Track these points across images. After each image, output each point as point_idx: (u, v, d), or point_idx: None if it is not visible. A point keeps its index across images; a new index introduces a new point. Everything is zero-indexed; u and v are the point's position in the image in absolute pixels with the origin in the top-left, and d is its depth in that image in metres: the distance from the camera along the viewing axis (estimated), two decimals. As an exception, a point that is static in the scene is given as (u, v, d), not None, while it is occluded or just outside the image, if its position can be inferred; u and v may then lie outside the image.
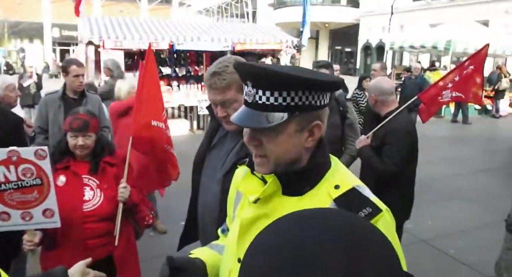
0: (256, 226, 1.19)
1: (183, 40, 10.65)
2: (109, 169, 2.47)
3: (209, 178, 2.03)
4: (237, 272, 1.20)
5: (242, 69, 1.14)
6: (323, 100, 1.13)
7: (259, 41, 11.65)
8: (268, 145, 1.13)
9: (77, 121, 2.36)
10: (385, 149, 3.18)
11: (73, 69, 4.17)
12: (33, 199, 2.14)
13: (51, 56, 32.31)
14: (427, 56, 20.44)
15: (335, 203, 1.10)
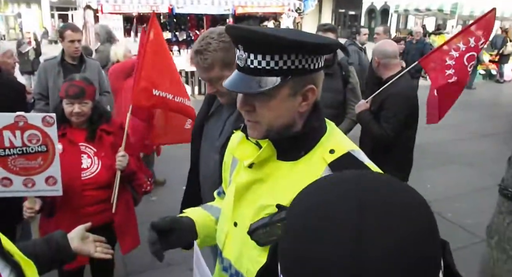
0: (251, 190, 1.20)
1: (183, 4, 10.44)
2: (106, 137, 2.46)
3: (208, 146, 2.03)
4: (234, 235, 1.25)
5: (232, 32, 1.12)
6: (317, 63, 1.10)
7: (260, 4, 11.41)
8: (260, 110, 1.11)
9: (73, 88, 2.32)
10: (382, 114, 3.18)
11: (68, 34, 4.12)
12: (37, 165, 2.13)
13: (49, 21, 31.75)
14: (433, 19, 20.01)
15: (329, 168, 1.09)
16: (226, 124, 1.95)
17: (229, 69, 1.78)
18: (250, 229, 1.11)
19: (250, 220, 1.15)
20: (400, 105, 3.16)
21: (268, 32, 1.05)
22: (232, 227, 1.25)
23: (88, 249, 1.58)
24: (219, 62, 1.76)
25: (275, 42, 1.03)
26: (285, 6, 11.68)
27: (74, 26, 4.48)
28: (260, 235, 1.09)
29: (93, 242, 1.61)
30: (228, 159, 1.44)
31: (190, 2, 10.57)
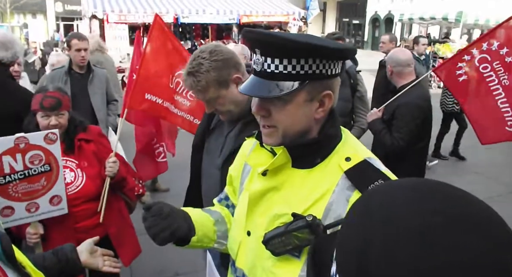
0: (265, 199, 1.18)
1: (188, 13, 10.50)
2: (85, 146, 2.30)
3: (209, 162, 1.98)
4: (247, 245, 1.22)
5: (249, 36, 1.09)
6: (334, 69, 1.08)
7: (265, 13, 11.46)
8: (276, 115, 1.09)
9: (48, 99, 2.14)
10: (394, 123, 3.12)
11: (74, 43, 4.12)
12: (40, 187, 2.01)
13: (56, 31, 32.01)
14: (437, 28, 20.02)
15: (346, 176, 1.07)
16: (227, 140, 1.89)
17: (226, 88, 1.75)
18: (265, 238, 1.08)
19: (264, 229, 1.12)
20: (412, 114, 3.10)
21: (286, 36, 1.04)
22: (245, 236, 1.22)
23: (97, 262, 1.56)
24: (214, 82, 1.71)
25: (293, 46, 1.02)
26: (289, 15, 11.73)
27: (80, 35, 4.48)
28: (276, 245, 1.06)
29: (101, 256, 1.60)
30: (239, 167, 1.40)
31: (196, 11, 10.63)
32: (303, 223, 1.02)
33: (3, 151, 1.89)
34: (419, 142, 3.18)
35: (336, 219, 1.03)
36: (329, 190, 1.07)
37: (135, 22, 10.46)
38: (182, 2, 11.16)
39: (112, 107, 4.54)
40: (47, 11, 33.42)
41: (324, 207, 1.06)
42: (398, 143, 3.07)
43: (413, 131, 3.08)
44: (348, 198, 1.05)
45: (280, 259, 1.08)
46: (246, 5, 11.68)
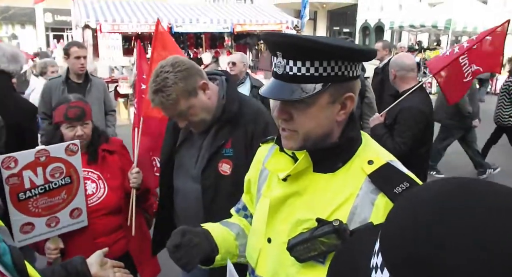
0: (287, 204, 1.16)
1: (181, 22, 10.49)
2: (109, 157, 2.27)
3: (184, 176, 1.92)
4: (268, 252, 1.19)
5: (271, 39, 1.09)
6: (355, 71, 1.08)
7: (259, 22, 11.50)
8: (298, 119, 1.08)
9: (72, 109, 2.12)
10: (396, 128, 3.14)
11: (74, 50, 4.09)
12: (61, 200, 1.95)
13: (44, 42, 31.80)
14: (426, 35, 20.25)
15: (369, 179, 1.06)
16: (202, 150, 1.87)
17: (195, 96, 1.75)
18: (289, 245, 1.06)
19: (287, 235, 1.11)
20: (414, 119, 3.11)
21: (309, 38, 1.04)
22: (265, 243, 1.20)
23: (107, 274, 1.52)
24: (183, 93, 1.71)
25: (316, 48, 1.02)
26: (283, 23, 11.78)
27: (79, 43, 4.47)
28: (301, 251, 1.05)
29: (112, 268, 1.55)
30: (255, 173, 1.38)
31: (189, 20, 10.63)
32: (330, 228, 1.01)
33: (22, 167, 1.80)
34: (422, 146, 3.20)
35: (361, 223, 1.03)
36: (353, 194, 1.07)
37: (129, 31, 10.41)
38: (175, 11, 11.16)
39: (111, 117, 4.49)
40: (36, 22, 33.21)
41: (349, 211, 1.06)
42: (400, 148, 3.06)
43: (415, 135, 3.09)
44: (373, 202, 1.04)
45: (305, 266, 1.07)
46: (239, 14, 11.72)
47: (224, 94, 1.86)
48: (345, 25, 30.22)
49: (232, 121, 1.82)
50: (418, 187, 0.61)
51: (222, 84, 1.90)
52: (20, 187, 1.81)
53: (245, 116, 1.83)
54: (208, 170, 1.80)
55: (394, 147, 3.08)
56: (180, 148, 1.97)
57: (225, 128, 1.82)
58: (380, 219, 0.98)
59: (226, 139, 1.81)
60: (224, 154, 1.80)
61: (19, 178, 1.80)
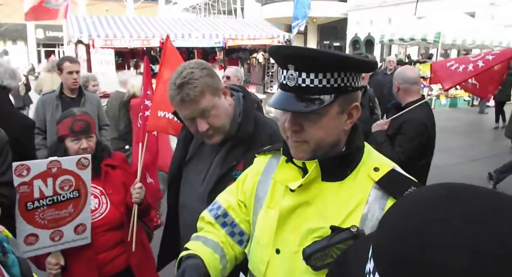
0: (296, 214, 1.17)
1: (174, 37, 10.54)
2: (111, 172, 2.26)
3: (191, 193, 1.85)
4: (277, 263, 1.19)
5: (284, 52, 1.12)
6: (358, 81, 1.14)
7: (250, 37, 11.60)
8: (309, 129, 1.12)
9: (78, 122, 2.13)
10: (398, 138, 3.17)
11: (67, 65, 4.09)
12: (67, 214, 1.94)
13: (36, 58, 31.77)
14: (415, 48, 20.54)
15: (377, 185, 1.10)
16: (212, 167, 1.79)
17: (219, 96, 1.69)
18: (306, 253, 1.07)
19: (298, 245, 1.12)
20: (416, 131, 3.14)
21: (322, 50, 1.08)
22: (274, 254, 1.20)
23: None
24: (209, 88, 1.64)
25: (328, 59, 1.06)
26: (274, 38, 11.88)
27: (72, 58, 4.47)
28: (318, 259, 1.06)
29: None
30: (253, 184, 1.36)
31: (181, 35, 10.70)
32: (348, 234, 1.02)
33: (34, 176, 1.82)
34: (423, 158, 3.23)
35: (372, 229, 1.04)
36: (362, 200, 1.10)
37: (121, 47, 10.44)
38: (168, 27, 11.23)
39: (105, 132, 4.48)
40: (27, 38, 33.22)
41: (360, 218, 1.09)
42: (398, 157, 3.09)
43: (415, 147, 3.11)
44: (383, 207, 1.08)
45: (318, 274, 1.08)
46: (231, 29, 11.81)
47: (240, 111, 1.79)
48: (335, 39, 30.55)
49: (246, 141, 1.73)
50: (407, 194, 0.65)
51: (239, 101, 1.83)
52: (30, 196, 1.83)
53: (261, 138, 1.73)
54: (216, 191, 1.69)
55: (392, 156, 3.09)
56: (189, 163, 1.90)
57: (238, 148, 1.74)
58: None
59: (238, 161, 1.71)
60: (233, 176, 1.69)
61: (29, 187, 1.83)
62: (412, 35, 14.90)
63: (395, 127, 3.25)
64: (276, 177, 1.24)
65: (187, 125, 1.75)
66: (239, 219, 1.41)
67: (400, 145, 3.14)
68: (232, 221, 1.41)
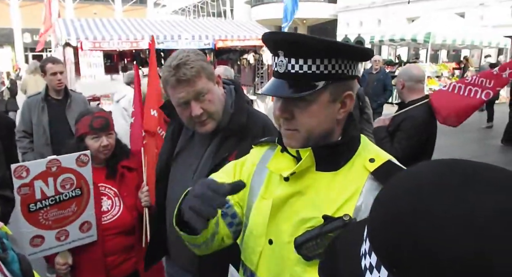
0: (289, 204, 1.16)
1: (163, 39, 10.46)
2: (128, 175, 2.21)
3: (180, 188, 1.74)
4: (269, 253, 1.14)
5: (273, 37, 1.11)
6: (354, 70, 1.12)
7: (240, 38, 11.54)
8: (300, 117, 1.10)
9: (98, 119, 2.11)
10: (397, 134, 3.19)
11: (49, 67, 3.99)
12: (70, 213, 1.92)
13: (24, 62, 31.45)
14: (405, 49, 20.66)
15: (372, 176, 1.09)
16: (203, 159, 1.75)
17: (213, 82, 1.69)
18: (297, 242, 1.05)
19: (290, 235, 1.11)
20: (416, 129, 3.15)
21: (312, 36, 1.05)
22: (266, 245, 1.20)
23: None
24: (205, 71, 1.64)
25: (319, 46, 1.04)
26: (264, 39, 11.82)
27: (54, 58, 4.34)
28: (310, 248, 1.04)
29: None
30: (248, 175, 1.34)
31: (171, 37, 10.61)
32: (340, 223, 1.01)
33: (34, 176, 1.79)
34: (424, 155, 3.22)
35: None
36: (357, 191, 1.09)
37: (110, 49, 10.31)
38: (157, 28, 11.12)
39: None
40: (15, 42, 32.88)
41: (354, 208, 1.08)
42: (396, 153, 3.06)
43: (413, 145, 3.11)
44: None
45: (310, 264, 1.07)
46: (221, 30, 11.74)
47: (232, 103, 1.78)
48: (326, 41, 30.67)
49: (239, 133, 1.72)
50: (402, 172, 0.63)
51: (231, 93, 1.83)
52: (31, 197, 1.81)
53: (254, 129, 1.72)
54: None
55: (390, 152, 3.09)
56: (177, 157, 1.86)
57: (230, 139, 1.72)
58: None
59: (230, 152, 1.69)
60: None
61: (31, 188, 1.80)
62: (402, 35, 14.98)
63: (396, 124, 3.26)
64: (270, 166, 1.22)
65: (179, 112, 1.71)
66: (234, 201, 1.36)
67: (399, 141, 3.15)
68: (239, 222, 1.37)
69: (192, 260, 1.72)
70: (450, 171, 0.54)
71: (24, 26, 32.48)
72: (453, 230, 0.47)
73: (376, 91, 7.84)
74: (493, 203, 0.48)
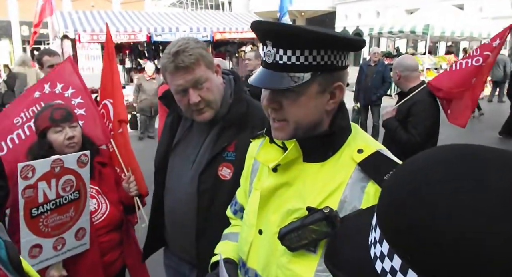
0: (277, 195, 1.17)
1: (161, 31, 10.43)
2: (104, 170, 2.15)
3: (176, 179, 1.81)
4: (259, 244, 1.17)
5: (261, 27, 1.10)
6: (344, 60, 1.09)
7: (238, 30, 11.51)
8: (288, 108, 1.08)
9: (58, 111, 1.98)
10: (410, 120, 3.29)
11: (46, 59, 3.99)
12: (68, 218, 1.83)
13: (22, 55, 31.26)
14: (404, 41, 20.60)
15: (359, 167, 1.07)
16: (202, 149, 1.75)
17: (212, 71, 1.68)
18: (280, 233, 1.07)
19: (277, 226, 1.11)
20: (428, 112, 3.31)
21: (299, 27, 1.05)
22: (256, 235, 1.21)
23: None
24: (204, 59, 1.63)
25: (307, 36, 1.02)
26: (263, 31, 11.80)
27: (50, 50, 4.34)
28: (292, 239, 1.04)
29: None
30: (247, 168, 1.38)
31: (168, 29, 10.58)
32: (320, 215, 1.01)
33: (38, 177, 1.70)
34: (432, 138, 3.36)
35: (351, 211, 1.03)
36: (343, 182, 1.08)
37: (108, 41, 10.29)
38: (155, 21, 11.08)
39: None
40: (12, 35, 32.71)
41: (339, 200, 1.06)
42: (415, 138, 3.21)
43: (428, 127, 3.27)
44: (363, 189, 1.05)
45: (296, 255, 1.07)
46: (219, 22, 11.70)
47: (231, 93, 1.77)
48: (324, 33, 30.57)
49: (238, 122, 1.71)
50: (410, 158, 0.62)
51: (230, 83, 1.81)
52: (34, 201, 1.72)
53: (254, 119, 1.69)
54: (207, 173, 1.68)
55: (409, 138, 3.24)
56: (176, 147, 1.84)
57: (229, 129, 1.70)
58: None
59: (230, 142, 1.68)
60: (225, 157, 1.68)
61: (34, 190, 1.69)
62: (401, 27, 14.92)
63: (404, 112, 3.37)
64: (258, 157, 1.23)
65: (178, 99, 1.70)
66: (241, 201, 1.43)
67: (414, 127, 3.25)
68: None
69: (189, 251, 1.74)
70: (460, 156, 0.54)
71: (21, 19, 32.24)
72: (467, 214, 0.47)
73: (375, 84, 7.83)
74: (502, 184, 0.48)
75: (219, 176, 1.67)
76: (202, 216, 1.69)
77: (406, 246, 0.51)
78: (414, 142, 3.21)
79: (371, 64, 8.24)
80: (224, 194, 1.64)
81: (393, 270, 0.52)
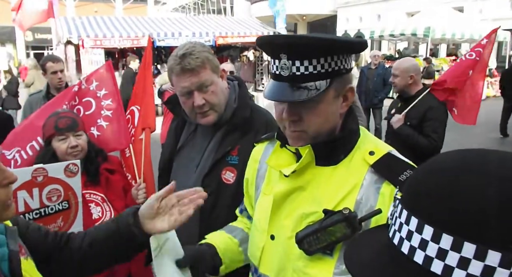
0: (290, 200, 1.17)
1: (164, 36, 10.52)
2: (111, 177, 2.12)
3: (180, 183, 1.77)
4: (271, 249, 1.20)
5: (276, 41, 1.11)
6: (350, 63, 1.13)
7: (240, 34, 11.59)
8: (307, 118, 1.09)
9: (63, 119, 1.98)
10: (428, 124, 3.28)
11: (49, 65, 4.02)
12: (56, 229, 1.74)
13: (25, 60, 31.46)
14: (405, 44, 20.63)
15: (372, 169, 1.08)
16: (206, 153, 1.77)
17: (217, 75, 1.71)
18: (298, 237, 1.07)
19: (291, 230, 1.12)
20: (444, 115, 3.36)
21: (313, 36, 1.07)
22: (268, 240, 1.20)
23: (163, 226, 1.27)
24: (210, 62, 1.67)
25: (321, 44, 1.05)
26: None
27: (54, 57, 4.39)
28: (310, 243, 1.05)
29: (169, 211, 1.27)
30: (252, 173, 1.39)
31: (171, 34, 10.66)
32: (340, 216, 1.01)
33: (19, 185, 1.62)
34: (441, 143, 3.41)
35: (368, 212, 1.04)
36: (357, 184, 1.09)
37: (113, 47, 10.38)
38: (157, 26, 11.18)
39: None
40: (16, 40, 32.90)
41: (354, 202, 1.07)
42: (436, 143, 3.23)
43: (444, 131, 3.33)
44: (378, 191, 1.06)
45: (312, 259, 1.07)
46: (221, 27, 11.79)
47: (236, 98, 1.80)
48: (326, 36, 30.55)
49: (242, 127, 1.73)
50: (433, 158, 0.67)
51: (234, 88, 1.84)
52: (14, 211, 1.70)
53: (257, 124, 1.73)
54: (210, 176, 1.71)
55: (430, 143, 3.24)
56: (180, 151, 1.87)
57: (234, 133, 1.73)
58: (387, 207, 1.00)
59: (233, 146, 1.71)
60: (229, 161, 1.70)
61: (13, 200, 1.67)
62: (402, 30, 14.98)
63: (417, 116, 3.33)
64: (269, 162, 1.22)
65: (182, 101, 1.72)
66: (246, 203, 1.45)
67: (434, 131, 3.26)
68: (251, 215, 1.42)
69: None
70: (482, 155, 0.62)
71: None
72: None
73: (376, 87, 7.88)
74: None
75: (223, 180, 1.70)
76: (205, 219, 1.70)
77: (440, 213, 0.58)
78: (436, 146, 3.24)
79: (372, 67, 8.32)
80: (227, 197, 1.67)
81: (423, 242, 0.58)
